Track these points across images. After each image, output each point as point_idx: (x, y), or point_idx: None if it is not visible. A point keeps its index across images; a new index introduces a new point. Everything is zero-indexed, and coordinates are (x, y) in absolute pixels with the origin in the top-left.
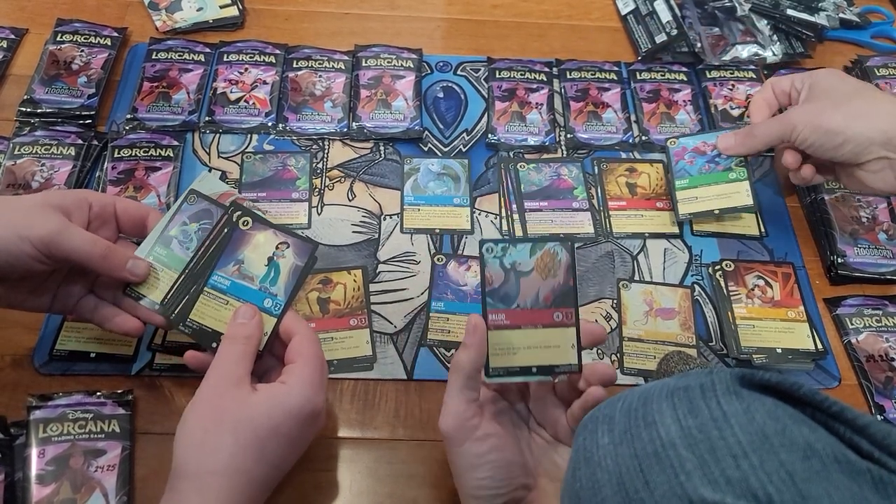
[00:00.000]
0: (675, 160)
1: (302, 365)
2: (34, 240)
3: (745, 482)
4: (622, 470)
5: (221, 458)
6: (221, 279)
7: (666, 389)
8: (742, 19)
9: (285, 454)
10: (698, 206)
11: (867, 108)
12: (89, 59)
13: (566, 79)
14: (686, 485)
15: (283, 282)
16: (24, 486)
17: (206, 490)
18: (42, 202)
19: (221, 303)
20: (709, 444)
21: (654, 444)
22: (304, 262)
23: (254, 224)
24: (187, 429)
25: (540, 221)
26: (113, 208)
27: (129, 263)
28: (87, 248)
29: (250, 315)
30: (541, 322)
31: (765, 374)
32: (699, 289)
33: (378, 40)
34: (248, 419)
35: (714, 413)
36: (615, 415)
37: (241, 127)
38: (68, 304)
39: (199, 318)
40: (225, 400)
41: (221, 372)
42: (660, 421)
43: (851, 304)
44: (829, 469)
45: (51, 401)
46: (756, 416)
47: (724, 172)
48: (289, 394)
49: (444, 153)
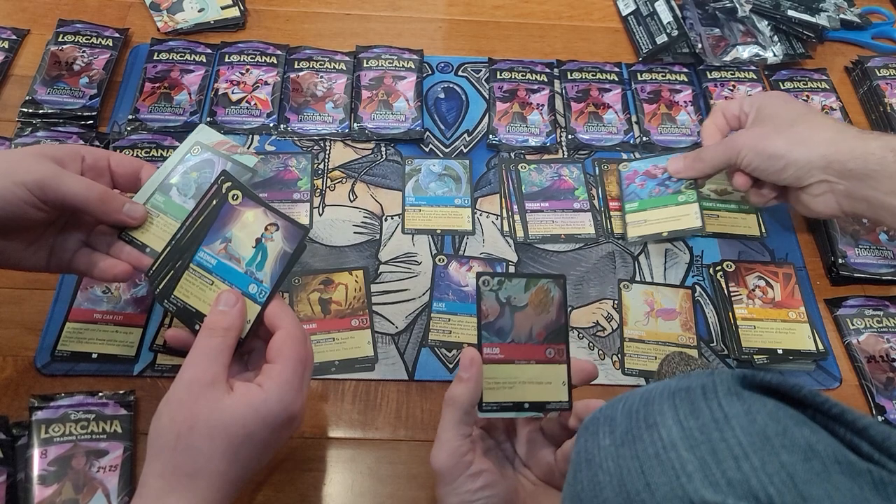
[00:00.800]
0: (626, 183)
1: (281, 368)
2: (29, 184)
3: (747, 483)
4: (623, 471)
5: (197, 462)
6: (208, 257)
7: (667, 391)
8: (743, 20)
9: (259, 456)
10: (648, 230)
11: (808, 134)
12: (91, 59)
13: (567, 80)
14: (687, 486)
15: (269, 267)
16: (26, 487)
17: (181, 491)
18: (36, 151)
19: (206, 283)
20: (710, 445)
21: (655, 445)
22: (292, 249)
23: (244, 199)
24: (161, 429)
25: (541, 222)
26: (107, 161)
27: (126, 207)
28: (83, 191)
29: (232, 302)
30: (534, 357)
31: (766, 375)
32: (700, 289)
33: (379, 41)
34: (223, 425)
35: (715, 414)
36: (616, 416)
37: (242, 128)
38: (64, 259)
39: (183, 297)
40: (199, 403)
41: (197, 370)
42: (661, 422)
43: (852, 304)
44: (830, 470)
45: (53, 401)
46: (757, 417)
47: (673, 195)
48: (265, 400)
49: (445, 154)
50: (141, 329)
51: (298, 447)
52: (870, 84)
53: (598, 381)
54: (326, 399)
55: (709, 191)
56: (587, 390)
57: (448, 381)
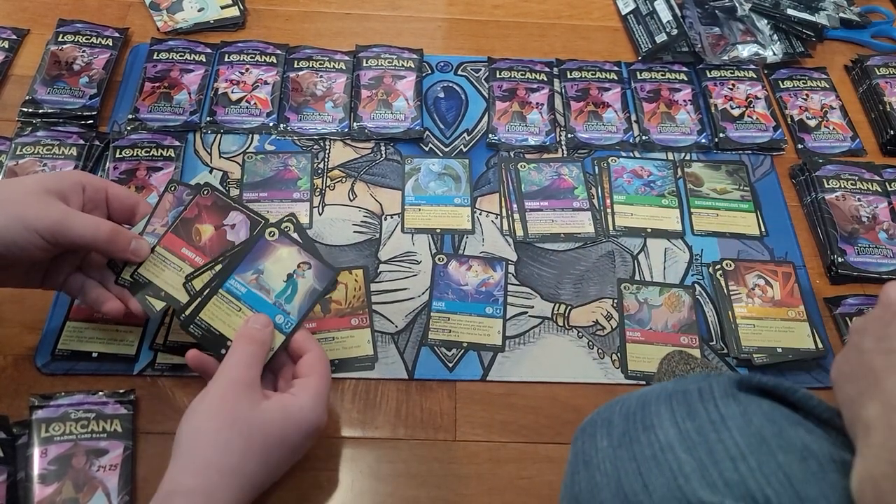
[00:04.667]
0: (615, 177)
1: (316, 382)
2: (41, 231)
3: (744, 484)
4: (621, 473)
5: (230, 459)
6: (238, 285)
7: (664, 393)
8: (742, 19)
9: (285, 462)
10: (633, 222)
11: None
12: (91, 59)
13: (567, 79)
14: (685, 487)
15: (298, 301)
16: (26, 486)
17: (212, 489)
18: (41, 188)
19: (234, 308)
20: (707, 446)
21: (652, 447)
22: (322, 287)
23: (279, 237)
24: (198, 422)
25: (540, 221)
26: (105, 193)
27: (133, 244)
28: (92, 232)
29: (264, 323)
30: None
31: (762, 377)
32: (700, 288)
33: (379, 40)
34: (260, 425)
35: (712, 416)
36: (614, 418)
37: (242, 127)
38: (58, 281)
39: (208, 319)
40: (240, 401)
41: (237, 372)
42: (658, 424)
43: (851, 303)
44: (826, 470)
45: (53, 400)
46: (753, 418)
47: (657, 197)
48: (302, 408)
49: (444, 153)
50: (141, 328)
51: None
52: (869, 83)
53: (599, 380)
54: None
55: (709, 189)
56: (587, 389)
57: (447, 380)
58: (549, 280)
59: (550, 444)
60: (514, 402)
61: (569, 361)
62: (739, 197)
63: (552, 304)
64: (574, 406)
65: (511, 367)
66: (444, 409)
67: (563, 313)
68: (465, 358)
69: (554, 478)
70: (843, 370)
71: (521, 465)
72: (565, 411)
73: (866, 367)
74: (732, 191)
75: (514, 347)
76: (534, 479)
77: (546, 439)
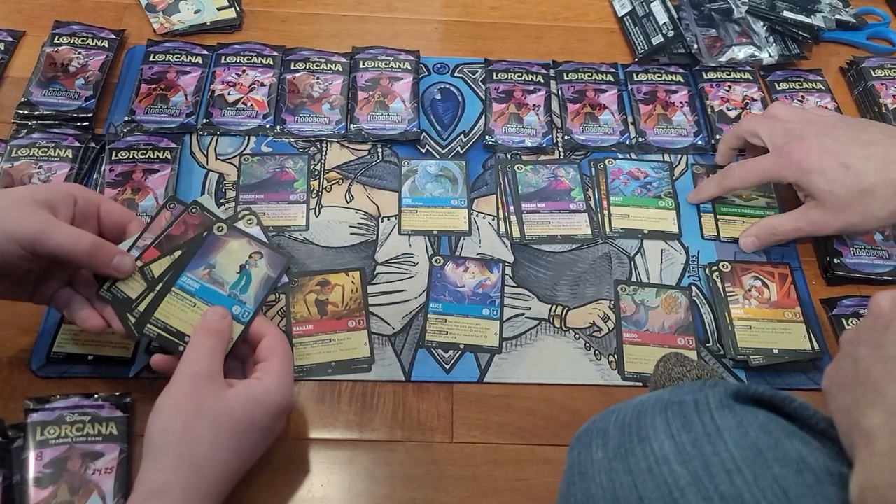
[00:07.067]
0: (612, 178)
1: (277, 362)
2: (20, 238)
3: (740, 498)
4: (616, 485)
5: (202, 451)
6: (191, 281)
7: (660, 403)
8: (738, 21)
9: (258, 446)
10: (630, 224)
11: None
12: (87, 61)
13: (563, 80)
14: (680, 501)
15: (253, 291)
16: (21, 489)
17: (187, 482)
18: (28, 198)
19: (189, 304)
20: (702, 459)
21: (647, 459)
22: (276, 274)
23: (228, 230)
24: (165, 420)
25: (537, 223)
26: (97, 208)
27: (115, 260)
28: (72, 244)
29: (222, 315)
30: None
31: (758, 388)
32: (696, 290)
33: (376, 42)
34: (227, 413)
35: (707, 428)
36: (609, 429)
37: (238, 129)
38: (46, 295)
39: (164, 318)
40: (204, 393)
41: (198, 365)
42: (653, 436)
43: (848, 304)
44: (823, 483)
45: (48, 403)
46: (749, 430)
47: (654, 199)
48: (268, 391)
49: (441, 155)
50: None
51: (294, 449)
52: (865, 85)
53: (596, 381)
54: (323, 401)
55: (734, 196)
56: (584, 391)
57: (444, 382)
58: (545, 282)
59: (548, 446)
60: (511, 404)
61: (566, 363)
62: (765, 204)
63: (549, 305)
64: (571, 408)
65: (508, 369)
66: (441, 411)
67: (559, 315)
68: (461, 360)
69: (551, 479)
70: (836, 379)
71: (519, 467)
72: (562, 413)
73: (863, 376)
74: (758, 198)
75: (511, 349)
76: (531, 481)
77: (543, 441)
